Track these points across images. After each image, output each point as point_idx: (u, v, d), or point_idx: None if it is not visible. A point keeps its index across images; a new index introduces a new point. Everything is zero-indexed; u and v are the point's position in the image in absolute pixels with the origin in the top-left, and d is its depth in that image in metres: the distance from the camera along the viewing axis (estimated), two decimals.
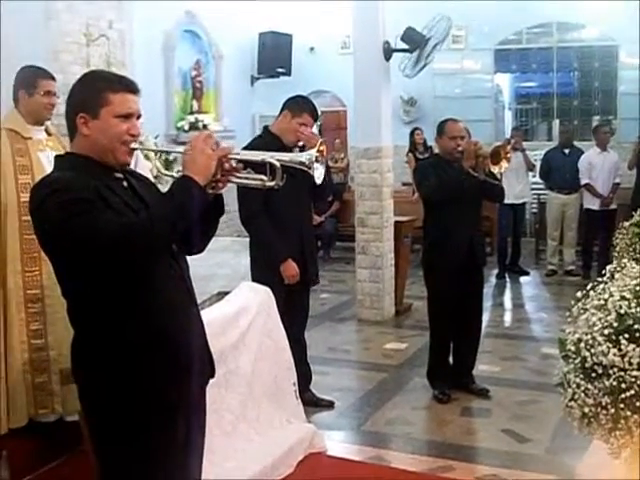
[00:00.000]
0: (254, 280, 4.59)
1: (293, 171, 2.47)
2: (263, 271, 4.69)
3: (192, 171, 2.25)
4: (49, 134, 4.20)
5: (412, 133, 11.22)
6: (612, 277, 2.35)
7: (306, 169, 2.47)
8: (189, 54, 11.39)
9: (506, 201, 8.07)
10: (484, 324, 5.92)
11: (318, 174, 2.50)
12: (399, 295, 7.88)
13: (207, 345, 2.58)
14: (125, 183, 2.42)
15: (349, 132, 13.06)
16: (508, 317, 7.90)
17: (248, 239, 4.91)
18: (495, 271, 9.62)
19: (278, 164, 2.39)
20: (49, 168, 4.03)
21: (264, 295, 4.32)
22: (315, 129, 4.83)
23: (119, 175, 2.42)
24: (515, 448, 4.51)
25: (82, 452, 3.96)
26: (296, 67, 12.74)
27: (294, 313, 4.83)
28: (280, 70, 12.77)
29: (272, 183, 2.42)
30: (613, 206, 9.27)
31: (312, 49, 13.25)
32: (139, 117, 2.40)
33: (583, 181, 9.23)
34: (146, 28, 9.42)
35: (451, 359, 5.46)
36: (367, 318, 7.57)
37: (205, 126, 11.09)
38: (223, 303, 4.26)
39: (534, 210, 11.16)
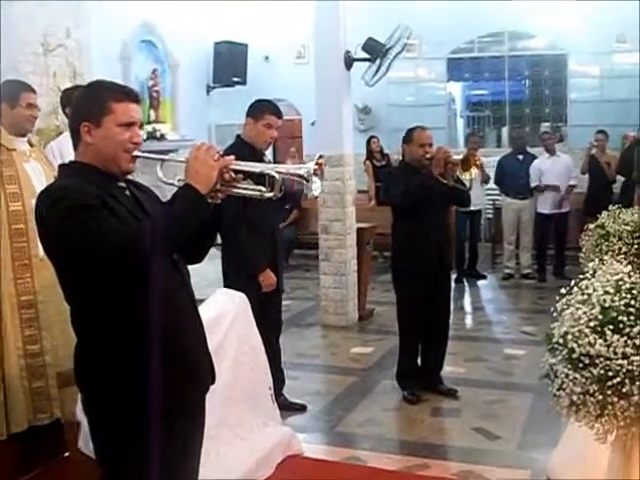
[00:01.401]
0: (227, 287, 4.64)
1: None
2: (238, 278, 4.74)
3: (195, 181, 2.32)
4: (31, 145, 4.28)
5: (369, 141, 11.39)
6: (593, 274, 2.48)
7: (305, 182, 2.53)
8: (146, 63, 11.36)
9: (462, 208, 8.32)
10: None
11: (315, 187, 2.55)
12: (362, 300, 7.99)
13: (208, 351, 2.62)
14: (128, 192, 2.48)
15: (304, 140, 13.21)
16: (469, 320, 8.08)
17: (219, 247, 4.95)
18: (453, 276, 9.78)
19: (277, 176, 2.46)
20: (34, 178, 4.13)
21: (240, 301, 4.37)
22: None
23: (122, 184, 2.47)
24: (487, 445, 4.64)
25: (62, 461, 4.03)
26: (251, 76, 12.81)
27: (268, 319, 4.89)
28: (235, 79, 12.83)
29: (270, 194, 2.49)
30: (566, 209, 9.53)
31: (267, 58, 13.35)
32: (141, 126, 2.46)
33: (533, 184, 9.47)
34: (103, 38, 9.41)
35: (419, 361, 5.58)
36: (332, 323, 7.67)
37: (163, 135, 11.07)
38: (200, 310, 4.30)
39: (489, 216, 11.39)
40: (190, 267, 2.67)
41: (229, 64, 12.70)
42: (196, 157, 2.35)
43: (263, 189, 2.49)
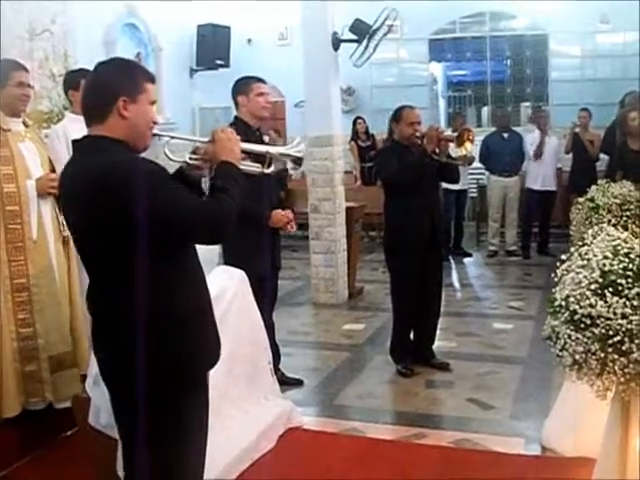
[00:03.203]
0: (228, 264, 4.72)
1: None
2: (237, 257, 4.80)
3: (232, 157, 2.57)
4: (26, 126, 4.26)
5: (355, 122, 11.46)
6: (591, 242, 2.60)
7: (296, 165, 3.00)
8: (129, 47, 11.36)
9: (448, 187, 8.45)
10: None
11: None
12: (351, 279, 8.11)
13: (217, 328, 2.72)
14: None
15: (287, 121, 13.26)
16: (458, 296, 8.20)
17: None
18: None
19: (277, 155, 2.89)
20: (29, 159, 4.14)
21: (239, 278, 4.46)
22: None
23: None
24: (480, 415, 4.77)
25: (72, 436, 4.10)
26: (234, 59, 12.80)
27: (264, 296, 4.97)
28: (219, 62, 12.82)
29: (268, 170, 2.88)
30: (553, 188, 9.68)
31: (250, 41, 13.36)
32: None
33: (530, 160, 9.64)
34: (87, 22, 9.42)
35: (412, 336, 5.70)
36: (322, 302, 7.80)
37: None
38: None
39: (473, 194, 11.52)
40: None
41: (212, 47, 12.70)
42: (229, 138, 2.60)
43: (261, 166, 2.85)
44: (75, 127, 4.03)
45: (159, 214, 2.28)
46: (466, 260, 10.05)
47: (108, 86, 2.45)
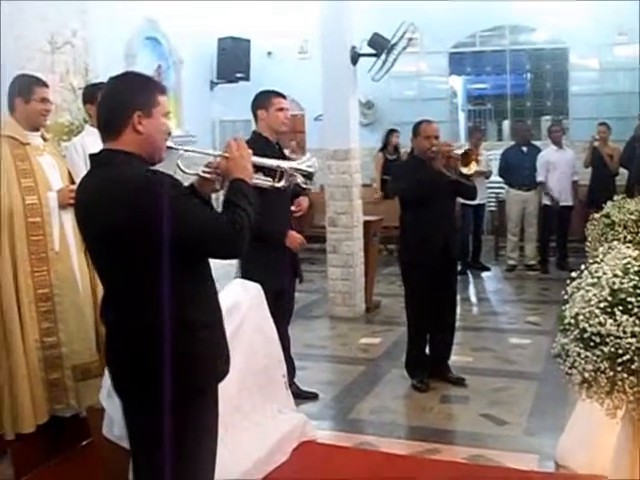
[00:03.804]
0: (245, 278, 4.74)
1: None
2: (253, 271, 4.81)
3: (247, 176, 2.60)
4: (44, 139, 4.33)
5: (389, 134, 11.31)
6: (602, 259, 2.59)
7: (308, 180, 3.02)
8: (150, 60, 11.44)
9: (466, 202, 8.43)
10: None
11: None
12: (369, 292, 8.10)
13: (227, 340, 2.74)
14: None
15: (307, 134, 13.30)
16: (474, 310, 8.18)
17: None
18: (458, 268, 9.89)
19: (289, 169, 2.91)
20: (49, 172, 4.21)
21: (255, 291, 4.48)
22: None
23: None
24: (495, 431, 4.76)
25: (86, 447, 4.14)
26: (254, 72, 12.85)
27: (281, 310, 4.99)
28: (239, 75, 12.87)
29: (280, 184, 2.91)
30: (570, 203, 9.63)
31: (270, 54, 13.41)
32: None
33: (539, 178, 9.57)
34: (108, 35, 9.50)
35: (427, 350, 5.69)
36: (339, 315, 7.79)
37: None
38: None
39: (492, 208, 11.49)
40: None
41: (232, 60, 12.75)
42: (242, 156, 2.62)
43: (273, 180, 2.89)
44: (93, 140, 4.08)
45: (173, 227, 2.30)
46: (484, 274, 10.01)
47: (122, 101, 2.49)
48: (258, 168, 2.84)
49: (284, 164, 2.94)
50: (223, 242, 2.44)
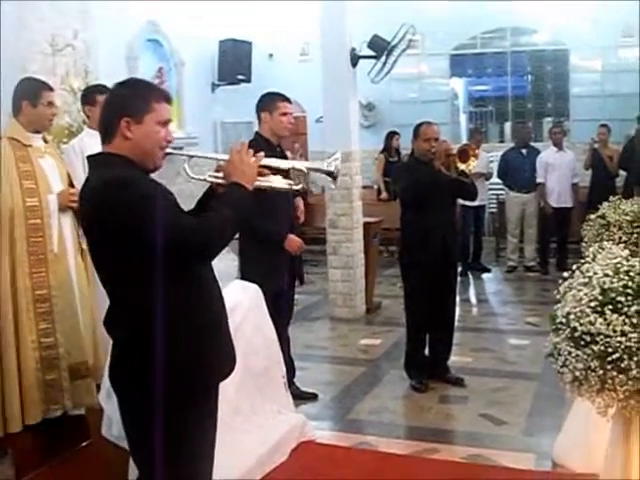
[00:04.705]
0: (245, 279, 4.78)
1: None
2: (253, 273, 4.85)
3: (245, 180, 2.58)
4: (45, 141, 4.37)
5: (391, 137, 11.35)
6: (593, 259, 2.62)
7: (331, 178, 2.90)
8: (152, 62, 11.48)
9: (466, 203, 8.46)
10: None
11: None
12: (369, 293, 8.13)
13: (232, 340, 2.76)
14: None
15: (309, 136, 13.32)
16: (474, 311, 8.21)
17: (237, 241, 5.08)
18: (458, 269, 9.91)
19: (305, 170, 2.83)
20: (49, 174, 4.24)
21: (254, 292, 4.51)
22: None
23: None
24: (493, 431, 4.78)
25: (86, 447, 4.17)
26: (256, 74, 12.88)
27: (280, 311, 5.02)
28: (240, 77, 12.89)
29: (298, 187, 2.84)
30: (569, 204, 9.65)
31: (271, 56, 13.45)
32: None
33: (538, 180, 9.59)
34: (110, 37, 9.53)
35: (426, 351, 5.72)
36: (340, 316, 7.82)
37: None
38: None
39: (492, 210, 11.51)
40: None
41: (234, 62, 12.77)
42: (242, 160, 2.60)
43: (291, 182, 2.79)
44: (91, 142, 4.12)
45: (143, 231, 2.33)
46: (485, 275, 10.04)
47: (114, 107, 2.54)
48: (277, 170, 2.82)
49: (299, 164, 2.89)
50: (194, 245, 2.42)
